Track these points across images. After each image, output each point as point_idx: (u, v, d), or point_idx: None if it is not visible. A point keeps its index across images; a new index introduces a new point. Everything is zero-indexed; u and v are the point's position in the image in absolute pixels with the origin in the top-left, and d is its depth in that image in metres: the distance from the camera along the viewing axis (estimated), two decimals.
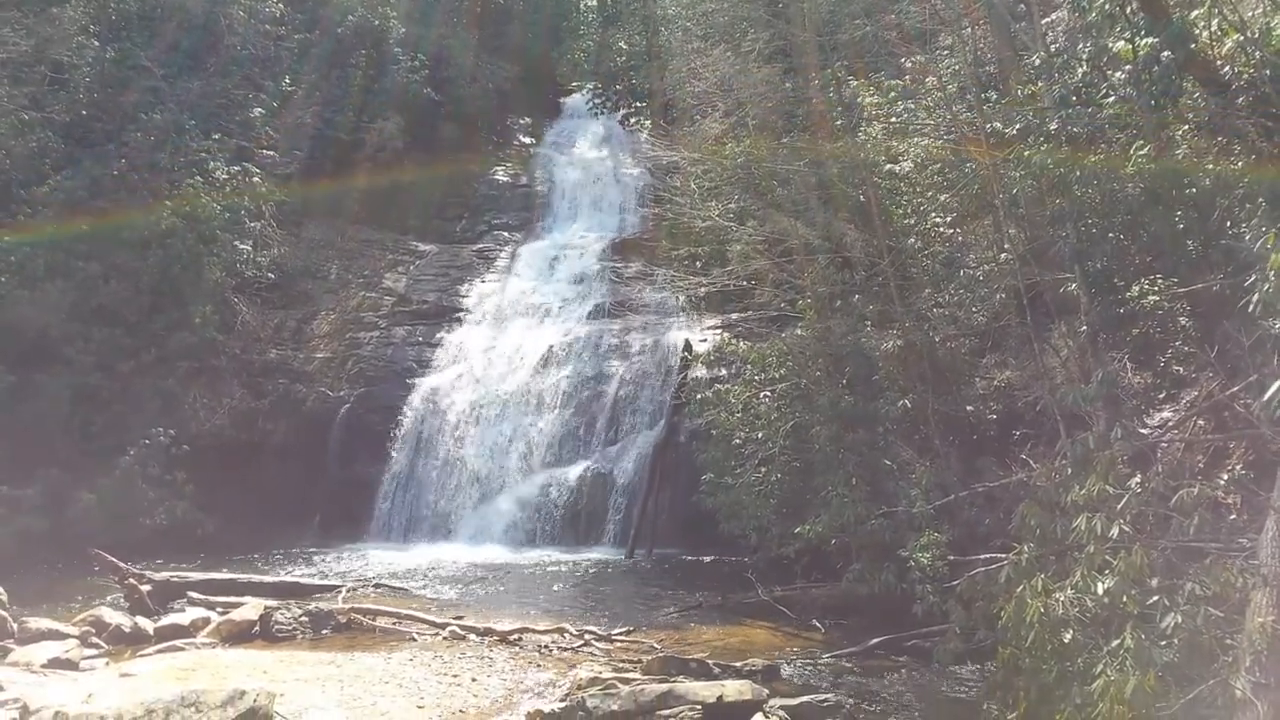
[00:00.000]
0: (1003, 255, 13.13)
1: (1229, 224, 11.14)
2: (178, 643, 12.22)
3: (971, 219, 14.20)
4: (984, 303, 14.12)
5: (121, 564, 14.49)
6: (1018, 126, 12.55)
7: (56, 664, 11.18)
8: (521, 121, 33.17)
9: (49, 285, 20.34)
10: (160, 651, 11.93)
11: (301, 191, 25.74)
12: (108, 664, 11.50)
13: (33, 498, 18.12)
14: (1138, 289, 11.55)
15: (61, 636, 12.15)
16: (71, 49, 23.08)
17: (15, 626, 12.22)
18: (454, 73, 30.46)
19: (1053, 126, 11.82)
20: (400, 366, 22.42)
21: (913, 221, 15.04)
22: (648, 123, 28.79)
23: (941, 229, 14.55)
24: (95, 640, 12.35)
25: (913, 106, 15.32)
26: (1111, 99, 11.86)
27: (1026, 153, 12.00)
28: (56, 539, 17.44)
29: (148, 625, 12.88)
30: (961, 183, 13.97)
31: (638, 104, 29.98)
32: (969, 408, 14.47)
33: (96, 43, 23.48)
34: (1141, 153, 11.62)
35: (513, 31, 32.97)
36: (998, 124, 13.06)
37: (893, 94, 16.01)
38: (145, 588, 14.01)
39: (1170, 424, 10.98)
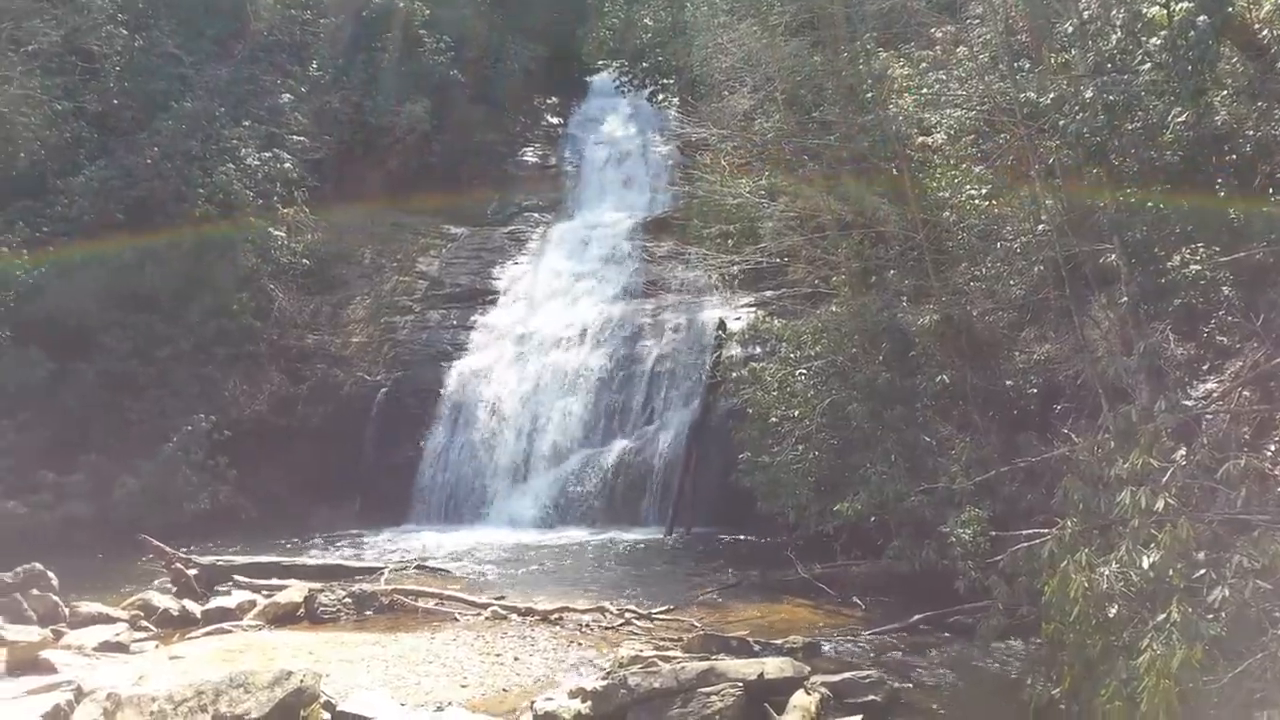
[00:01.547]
0: (1040, 226, 13.01)
1: (1271, 190, 11.01)
2: (225, 625, 12.44)
3: (1007, 190, 14.07)
4: (1022, 275, 14.00)
5: (168, 549, 14.75)
6: (1052, 96, 12.42)
7: (107, 647, 11.43)
8: (549, 101, 33.07)
9: (85, 273, 20.62)
10: (208, 634, 12.17)
11: (333, 176, 25.89)
12: (157, 646, 11.75)
13: (77, 484, 18.46)
14: (1179, 258, 11.42)
15: (111, 620, 12.42)
16: (101, 38, 23.26)
17: (66, 611, 12.47)
18: (480, 54, 30.41)
19: (1088, 95, 11.67)
20: (435, 349, 22.54)
21: (947, 194, 14.91)
22: (675, 100, 28.61)
23: (977, 201, 14.41)
24: (144, 623, 12.60)
25: (944, 77, 15.18)
26: (1147, 65, 11.72)
27: (1061, 122, 11.88)
28: (102, 524, 17.76)
29: (195, 608, 13.12)
30: (996, 154, 13.86)
31: (665, 81, 29.73)
32: (1008, 382, 14.39)
33: (125, 31, 23.65)
34: (1179, 119, 11.50)
35: (538, 11, 32.81)
36: (1031, 93, 12.93)
37: (923, 65, 15.87)
38: (192, 572, 14.27)
39: (1215, 395, 10.87)
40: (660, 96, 30.28)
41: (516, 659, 11.15)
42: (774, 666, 9.51)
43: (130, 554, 15.82)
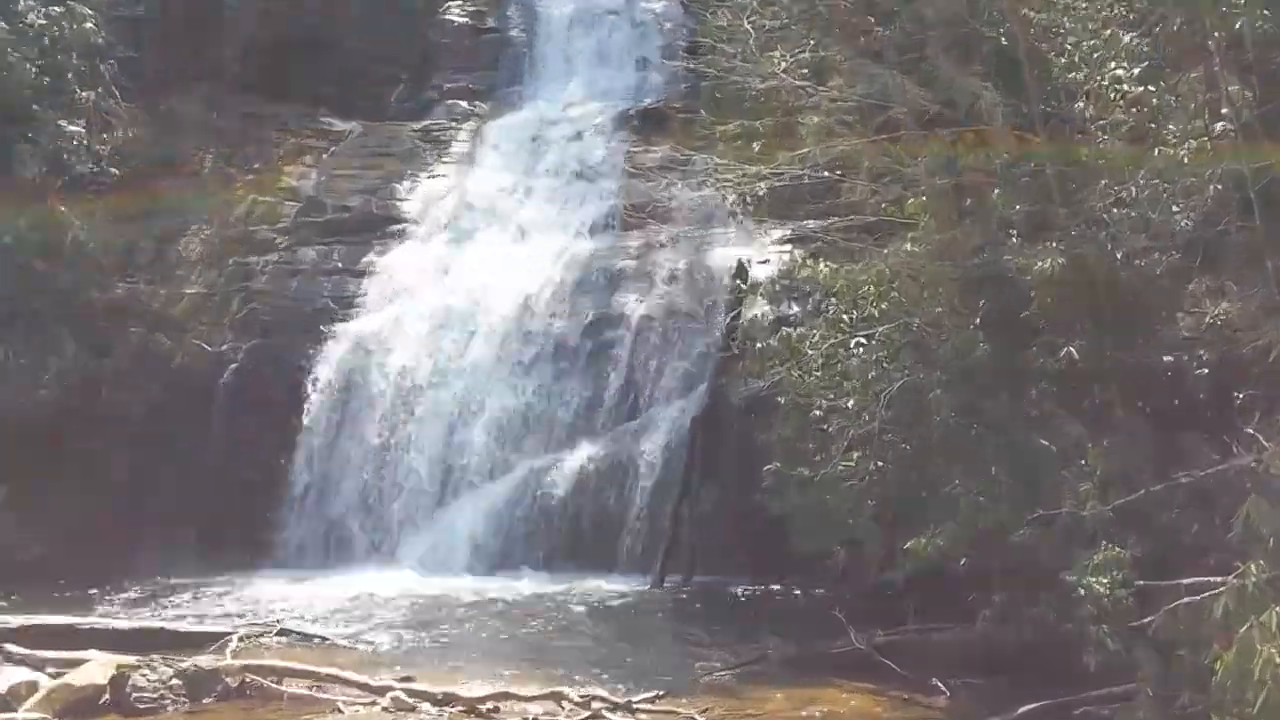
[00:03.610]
0: (1219, 125, 13.02)
1: None
2: None
3: (1172, 70, 14.07)
4: (1189, 198, 14.01)
5: None
6: None
7: None
8: None
9: None
10: None
11: (158, 45, 25.72)
12: None
13: None
14: None
15: None
16: None
17: None
18: None
19: None
20: (311, 306, 22.60)
21: (1082, 76, 14.90)
22: None
23: (1125, 86, 14.40)
24: None
25: None
26: None
27: None
28: None
29: None
30: (1156, 15, 13.83)
31: None
32: (1167, 358, 14.41)
33: None
34: None
35: None
36: None
37: None
38: None
39: None
40: None
41: None
42: None
43: None
